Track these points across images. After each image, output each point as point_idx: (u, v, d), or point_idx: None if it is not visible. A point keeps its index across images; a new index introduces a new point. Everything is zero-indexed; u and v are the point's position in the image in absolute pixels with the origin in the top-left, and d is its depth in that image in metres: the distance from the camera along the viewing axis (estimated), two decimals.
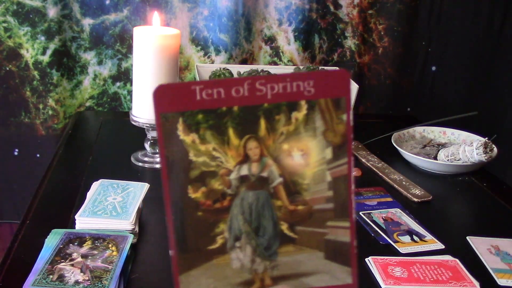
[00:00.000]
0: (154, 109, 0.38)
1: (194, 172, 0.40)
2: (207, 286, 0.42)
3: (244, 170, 0.40)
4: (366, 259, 0.81)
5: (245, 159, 0.40)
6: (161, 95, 0.38)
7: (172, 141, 0.39)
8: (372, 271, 0.78)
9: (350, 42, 1.53)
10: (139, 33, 1.02)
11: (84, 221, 0.82)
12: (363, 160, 1.18)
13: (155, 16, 1.06)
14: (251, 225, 0.42)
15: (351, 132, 0.39)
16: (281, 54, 1.50)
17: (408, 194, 1.03)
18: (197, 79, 1.26)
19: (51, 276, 0.70)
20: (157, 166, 1.10)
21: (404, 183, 1.08)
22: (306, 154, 0.40)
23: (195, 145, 0.39)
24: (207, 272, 0.41)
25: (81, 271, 0.71)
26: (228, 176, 0.40)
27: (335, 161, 0.40)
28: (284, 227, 0.42)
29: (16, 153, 1.44)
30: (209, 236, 0.41)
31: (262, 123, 0.39)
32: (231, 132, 0.39)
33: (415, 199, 1.02)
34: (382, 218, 0.94)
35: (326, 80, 0.38)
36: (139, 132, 1.13)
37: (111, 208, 0.84)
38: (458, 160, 1.13)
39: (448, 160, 1.14)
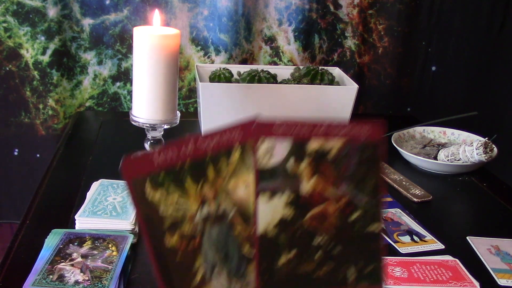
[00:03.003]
0: (125, 177, 0.46)
1: (166, 223, 0.47)
2: None
3: (205, 211, 0.48)
4: None
5: (203, 201, 0.48)
6: (128, 165, 0.46)
7: (143, 201, 0.46)
8: None
9: (350, 42, 1.53)
10: (139, 33, 1.02)
11: (84, 221, 0.82)
12: None
13: (156, 15, 1.06)
14: (221, 254, 0.49)
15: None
16: (281, 54, 1.50)
17: (408, 194, 1.03)
18: (197, 79, 1.26)
19: (51, 276, 0.70)
20: None
21: (404, 183, 1.08)
22: (249, 185, 0.48)
23: (162, 200, 0.47)
24: None
25: (81, 271, 0.71)
26: (194, 219, 0.48)
27: None
28: (246, 248, 0.49)
29: (16, 153, 1.44)
30: (191, 273, 0.48)
31: (210, 170, 0.47)
32: (188, 183, 0.47)
33: (415, 199, 1.02)
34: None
35: (248, 127, 0.47)
36: (139, 132, 1.13)
37: (111, 208, 0.84)
38: (458, 160, 1.13)
39: (448, 160, 1.14)
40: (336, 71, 1.38)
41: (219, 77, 1.27)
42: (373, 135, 0.45)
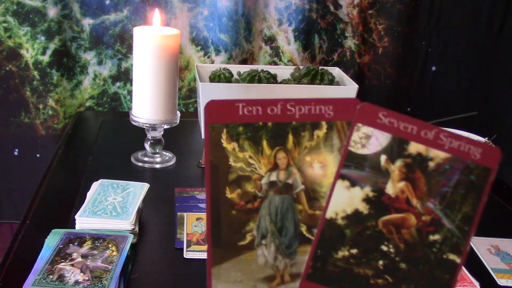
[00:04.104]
0: (205, 120, 0.46)
1: (232, 176, 0.47)
2: (234, 279, 0.47)
3: (273, 177, 0.47)
4: None
5: (274, 167, 0.47)
6: (211, 109, 0.45)
7: (216, 148, 0.46)
8: None
9: (350, 42, 1.53)
10: (139, 33, 1.02)
11: (84, 221, 0.82)
12: None
13: (156, 14, 1.06)
14: (276, 225, 0.47)
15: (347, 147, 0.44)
16: (281, 54, 1.50)
17: None
18: (197, 79, 1.26)
19: (51, 276, 0.70)
20: (157, 166, 1.10)
21: None
22: (325, 166, 0.46)
23: (234, 152, 0.46)
24: (236, 266, 0.47)
25: (81, 271, 0.71)
26: (260, 180, 0.47)
27: None
28: (303, 229, 0.47)
29: (16, 153, 1.44)
30: (240, 233, 0.47)
31: (290, 137, 0.46)
32: (264, 143, 0.46)
33: None
34: None
35: (343, 106, 0.45)
36: (139, 132, 1.13)
37: (111, 208, 0.84)
38: None
39: None
40: (336, 71, 1.38)
41: (219, 77, 1.27)
42: (487, 159, 0.41)
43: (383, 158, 0.43)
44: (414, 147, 0.43)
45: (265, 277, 0.48)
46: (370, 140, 0.43)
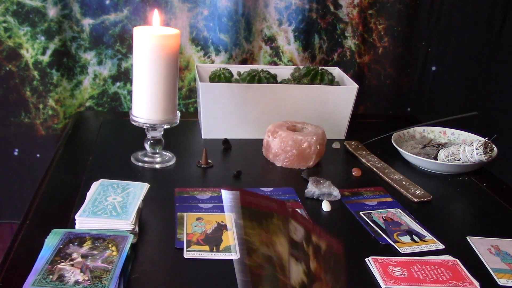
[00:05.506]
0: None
1: (246, 246, 0.55)
2: None
3: (264, 250, 0.56)
4: (366, 259, 0.81)
5: (262, 241, 0.56)
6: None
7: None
8: (372, 271, 0.78)
9: (350, 42, 1.53)
10: (139, 33, 1.02)
11: (84, 221, 0.82)
12: (363, 160, 1.18)
13: (155, 15, 1.06)
14: None
15: None
16: (281, 54, 1.50)
17: (408, 194, 1.03)
18: (197, 79, 1.26)
19: (51, 276, 0.70)
20: (157, 166, 1.10)
21: (404, 183, 1.08)
22: (282, 246, 0.57)
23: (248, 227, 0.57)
24: None
25: (81, 271, 0.71)
26: (258, 252, 0.56)
27: None
28: None
29: (16, 153, 1.44)
30: None
31: (264, 222, 0.57)
32: (254, 223, 0.56)
33: (415, 199, 1.02)
34: (382, 218, 0.94)
35: (285, 206, 0.61)
36: (139, 132, 1.13)
37: (111, 208, 0.84)
38: (458, 160, 1.13)
39: (448, 160, 1.14)
40: (336, 71, 1.38)
41: (219, 77, 1.27)
42: (338, 248, 0.61)
43: (305, 243, 0.59)
44: (314, 238, 0.60)
45: None
46: (297, 231, 0.59)
